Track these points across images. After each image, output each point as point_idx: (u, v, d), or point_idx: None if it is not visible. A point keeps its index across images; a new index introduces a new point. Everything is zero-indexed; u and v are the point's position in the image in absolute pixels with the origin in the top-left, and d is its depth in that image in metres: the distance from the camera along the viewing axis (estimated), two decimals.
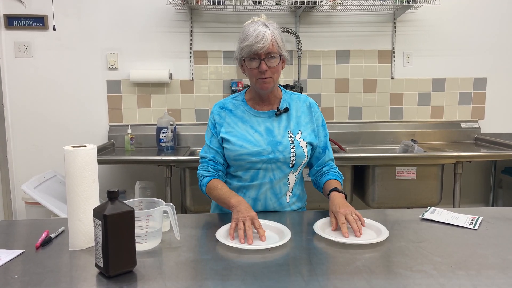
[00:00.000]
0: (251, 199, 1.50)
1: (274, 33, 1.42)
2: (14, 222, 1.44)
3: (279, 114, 1.52)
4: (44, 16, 2.81)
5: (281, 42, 1.43)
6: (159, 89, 2.94)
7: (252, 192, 1.50)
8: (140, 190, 2.60)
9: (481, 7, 3.01)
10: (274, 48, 1.41)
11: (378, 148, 2.95)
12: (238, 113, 1.54)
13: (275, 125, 1.51)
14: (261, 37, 1.39)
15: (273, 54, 1.41)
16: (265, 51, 1.40)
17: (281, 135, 1.49)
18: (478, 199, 3.16)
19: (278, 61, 1.43)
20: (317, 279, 0.95)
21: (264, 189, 1.49)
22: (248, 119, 1.52)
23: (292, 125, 1.51)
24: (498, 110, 3.11)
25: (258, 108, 1.54)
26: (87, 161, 1.14)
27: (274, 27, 1.44)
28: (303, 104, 1.56)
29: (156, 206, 1.17)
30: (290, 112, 1.53)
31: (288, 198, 1.53)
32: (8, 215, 2.88)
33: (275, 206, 1.51)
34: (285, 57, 1.46)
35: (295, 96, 1.58)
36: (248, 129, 1.50)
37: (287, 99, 1.56)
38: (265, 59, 1.41)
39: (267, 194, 1.50)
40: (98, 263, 0.98)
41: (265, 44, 1.39)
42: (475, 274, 0.98)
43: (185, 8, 2.78)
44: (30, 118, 2.91)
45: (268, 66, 1.42)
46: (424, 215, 1.39)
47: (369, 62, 3.01)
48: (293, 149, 1.47)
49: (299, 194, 1.57)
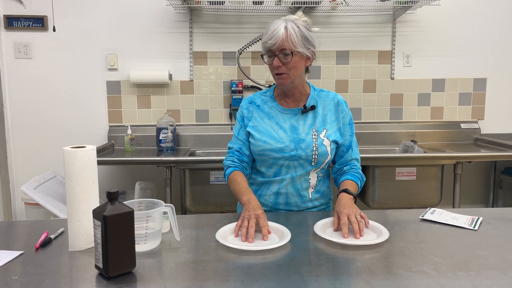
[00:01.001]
0: (273, 193, 1.52)
1: (292, 30, 1.42)
2: (14, 223, 1.44)
3: (305, 112, 1.52)
4: (44, 16, 2.81)
5: (299, 39, 1.42)
6: (159, 89, 2.94)
7: (274, 187, 1.52)
8: (140, 190, 2.60)
9: (481, 8, 3.01)
10: (287, 44, 1.41)
11: (378, 148, 2.95)
12: (266, 108, 1.56)
13: (300, 122, 1.52)
14: (275, 34, 1.41)
15: (286, 51, 1.42)
16: (277, 47, 1.42)
17: (305, 132, 1.50)
18: (478, 199, 3.16)
19: (291, 58, 1.43)
20: (317, 280, 0.95)
21: (285, 183, 1.50)
22: (274, 115, 1.54)
23: (318, 123, 1.52)
24: (498, 110, 3.11)
25: (285, 105, 1.55)
26: (87, 162, 1.14)
27: (298, 24, 1.44)
28: (331, 101, 1.56)
29: (156, 207, 1.17)
30: (316, 109, 1.54)
31: (311, 194, 1.53)
32: (8, 216, 2.88)
33: (296, 201, 1.52)
34: (303, 54, 1.45)
35: (324, 93, 1.58)
36: (274, 125, 1.52)
37: (315, 97, 1.56)
38: (279, 55, 1.43)
39: (288, 189, 1.51)
40: (98, 264, 0.98)
41: (277, 41, 1.41)
42: (475, 274, 0.98)
43: (185, 8, 2.78)
44: (30, 119, 2.90)
45: (282, 62, 1.43)
46: (424, 215, 1.39)
47: (369, 62, 3.01)
48: (315, 147, 1.47)
49: (323, 191, 1.57)
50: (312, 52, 1.49)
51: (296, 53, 1.43)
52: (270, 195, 1.53)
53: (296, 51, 1.43)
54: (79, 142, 2.83)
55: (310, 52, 1.48)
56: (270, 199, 1.53)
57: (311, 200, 1.54)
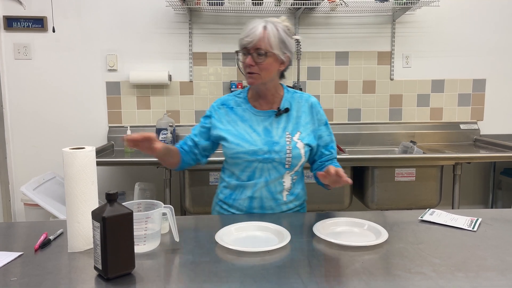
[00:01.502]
0: (248, 197, 1.51)
1: (271, 31, 1.41)
2: (13, 224, 1.44)
3: (279, 115, 1.52)
4: (44, 17, 2.81)
5: (276, 41, 1.41)
6: (158, 90, 2.94)
7: (248, 191, 1.51)
8: (139, 191, 2.60)
9: (480, 9, 3.02)
10: (263, 44, 1.40)
11: (377, 149, 2.95)
12: (239, 111, 1.55)
13: (274, 125, 1.51)
14: (252, 32, 1.40)
15: (261, 51, 1.41)
16: (253, 46, 1.41)
17: (278, 135, 1.49)
18: (477, 200, 3.16)
19: (265, 58, 1.42)
20: (316, 281, 0.95)
21: (259, 187, 1.50)
22: (248, 118, 1.53)
23: (291, 126, 1.51)
24: (497, 111, 3.12)
25: (258, 107, 1.54)
26: (86, 163, 1.14)
27: (278, 26, 1.43)
28: (305, 103, 1.56)
29: (155, 208, 1.17)
30: (290, 112, 1.53)
31: (285, 197, 1.53)
32: (7, 217, 2.88)
33: (271, 204, 1.52)
34: (278, 57, 1.44)
35: (298, 95, 1.58)
36: (247, 128, 1.51)
37: (289, 99, 1.55)
38: (253, 54, 1.42)
39: (263, 193, 1.50)
40: (97, 265, 0.98)
41: (253, 39, 1.40)
42: (474, 276, 0.98)
43: (185, 9, 2.78)
44: (30, 120, 2.91)
45: (256, 61, 1.42)
46: (423, 216, 1.39)
47: (368, 63, 3.02)
48: (289, 150, 1.47)
49: (297, 193, 1.57)
50: (288, 58, 1.48)
51: (271, 54, 1.42)
52: (244, 199, 1.52)
53: (271, 52, 1.42)
54: (79, 143, 2.82)
55: (286, 57, 1.47)
56: (244, 203, 1.52)
57: (286, 203, 1.53)
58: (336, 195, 2.45)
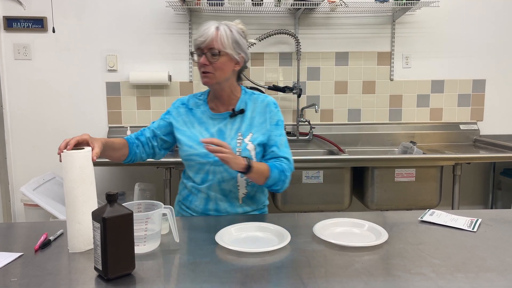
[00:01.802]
0: (203, 199, 1.53)
1: (224, 31, 1.44)
2: (13, 225, 1.44)
3: (234, 116, 1.53)
4: (44, 18, 2.81)
5: (229, 41, 1.44)
6: (158, 90, 2.95)
7: (203, 193, 1.52)
8: (139, 192, 2.60)
9: (480, 9, 3.02)
10: (216, 44, 1.43)
11: (377, 149, 2.95)
12: (198, 113, 1.57)
13: (228, 126, 1.53)
14: (205, 32, 1.44)
15: (214, 50, 1.43)
16: (206, 45, 1.44)
17: (231, 137, 1.51)
18: (477, 200, 3.17)
19: (218, 58, 1.44)
20: (316, 282, 0.95)
21: (214, 190, 1.51)
22: (205, 121, 1.55)
23: (244, 127, 1.52)
24: (497, 111, 3.12)
25: (215, 109, 1.56)
26: (85, 164, 1.14)
27: (232, 28, 1.47)
28: (260, 104, 1.56)
29: (155, 208, 1.17)
30: (245, 113, 1.54)
31: (241, 200, 1.53)
32: (7, 217, 2.88)
33: (226, 207, 1.52)
34: (232, 57, 1.46)
35: (255, 96, 1.58)
36: (202, 130, 1.54)
37: (246, 100, 1.56)
38: (207, 53, 1.44)
39: (217, 195, 1.51)
40: (97, 266, 0.98)
41: (206, 39, 1.43)
42: (474, 276, 0.98)
43: (184, 9, 2.78)
44: (29, 120, 2.90)
45: (209, 61, 1.44)
46: (423, 217, 1.39)
47: (368, 64, 3.02)
48: (239, 151, 1.47)
49: (254, 196, 1.56)
50: (243, 58, 1.50)
51: (224, 54, 1.45)
52: (200, 201, 1.53)
53: (224, 52, 1.44)
54: None
55: (240, 57, 1.49)
56: (200, 205, 1.53)
57: (242, 206, 1.53)
58: (335, 196, 2.45)
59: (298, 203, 2.43)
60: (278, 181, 1.47)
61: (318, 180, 2.42)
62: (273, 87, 2.81)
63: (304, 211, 2.40)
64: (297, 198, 2.43)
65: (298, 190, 2.42)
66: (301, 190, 2.42)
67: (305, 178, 2.41)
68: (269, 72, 2.97)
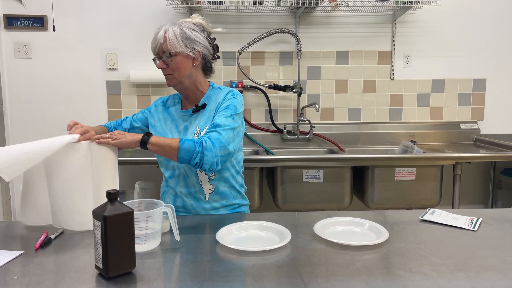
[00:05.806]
0: (172, 196, 1.58)
1: (172, 32, 1.47)
2: (13, 223, 1.44)
3: (195, 111, 1.56)
4: (44, 16, 2.81)
5: (178, 40, 1.47)
6: (158, 89, 2.94)
7: (172, 190, 1.57)
8: (139, 190, 2.60)
9: (480, 8, 3.01)
10: (165, 46, 1.48)
11: (377, 149, 2.95)
12: (172, 111, 1.63)
13: (193, 122, 1.56)
14: (156, 39, 1.49)
15: (166, 53, 1.48)
16: (159, 50, 1.49)
17: (191, 132, 1.53)
18: (478, 200, 3.17)
19: (173, 58, 1.48)
20: (316, 281, 0.95)
21: (180, 185, 1.54)
22: (176, 118, 1.61)
23: (203, 121, 1.53)
24: (497, 111, 3.12)
25: (184, 107, 1.62)
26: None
27: (183, 26, 1.49)
28: (222, 96, 1.55)
29: (155, 207, 1.17)
30: (207, 107, 1.56)
31: (208, 196, 1.54)
32: (8, 216, 2.88)
33: (192, 204, 1.54)
34: (185, 54, 1.48)
35: (219, 90, 1.59)
36: (173, 128, 1.59)
37: (210, 95, 1.58)
38: (162, 57, 1.49)
39: (183, 191, 1.54)
40: (98, 264, 0.98)
41: (156, 44, 1.49)
42: (474, 275, 0.98)
43: (185, 8, 2.78)
44: (30, 118, 2.90)
45: (166, 63, 1.49)
46: (423, 216, 1.39)
47: (369, 63, 3.02)
48: None
49: (223, 192, 1.55)
50: (199, 52, 1.51)
51: (175, 54, 1.48)
52: (170, 199, 1.58)
53: (175, 52, 1.47)
54: None
55: (196, 52, 1.50)
56: (170, 203, 1.52)
57: (209, 202, 1.54)
58: (336, 195, 2.46)
59: (299, 202, 2.43)
60: (193, 153, 1.36)
61: (319, 179, 2.42)
62: (273, 86, 2.81)
63: (304, 210, 2.40)
64: (298, 197, 2.43)
65: (298, 189, 2.42)
66: (301, 189, 2.42)
67: (306, 177, 2.41)
68: (269, 71, 2.97)
